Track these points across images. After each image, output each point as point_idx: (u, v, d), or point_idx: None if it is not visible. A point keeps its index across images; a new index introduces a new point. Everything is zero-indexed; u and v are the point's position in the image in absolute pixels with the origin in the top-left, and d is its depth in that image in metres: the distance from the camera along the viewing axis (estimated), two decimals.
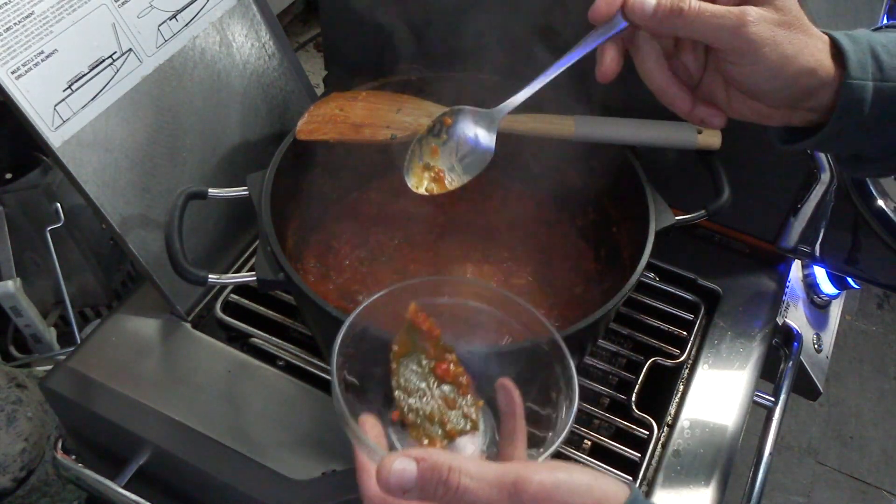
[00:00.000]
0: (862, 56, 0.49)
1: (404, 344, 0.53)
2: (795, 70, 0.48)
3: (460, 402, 0.52)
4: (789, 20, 0.48)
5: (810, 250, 0.85)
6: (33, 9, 0.66)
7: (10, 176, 1.15)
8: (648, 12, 0.49)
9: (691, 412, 0.75)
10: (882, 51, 0.49)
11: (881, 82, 0.49)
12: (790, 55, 0.48)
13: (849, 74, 0.48)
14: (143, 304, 0.81)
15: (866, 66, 0.49)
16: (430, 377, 0.52)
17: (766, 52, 0.48)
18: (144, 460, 0.72)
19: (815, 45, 0.49)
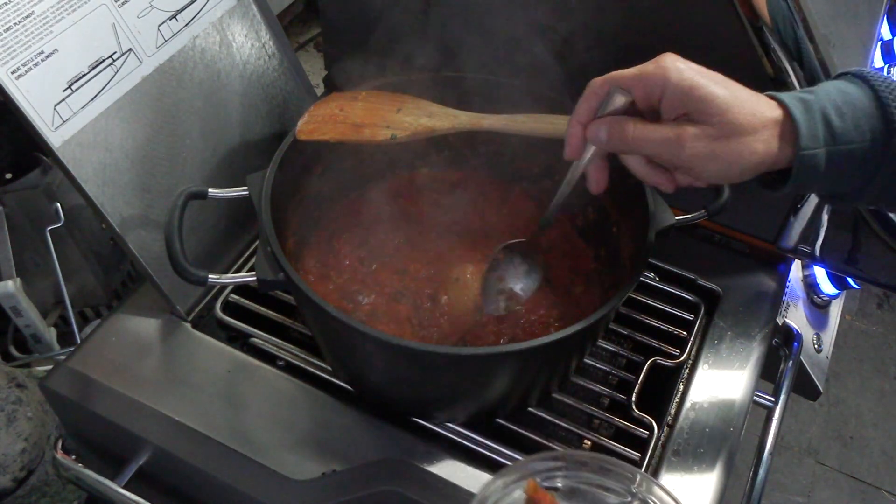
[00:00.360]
0: (813, 125, 0.52)
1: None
2: (740, 168, 0.53)
3: None
4: (727, 132, 0.52)
5: (810, 250, 0.85)
6: (33, 9, 0.66)
7: (10, 176, 1.15)
8: (603, 140, 0.57)
9: (691, 412, 0.75)
10: (834, 115, 0.52)
11: (834, 147, 0.52)
12: (732, 160, 0.53)
13: (801, 147, 0.52)
14: (143, 304, 0.81)
15: (818, 135, 0.52)
16: None
17: (709, 165, 0.53)
18: (144, 460, 0.72)
19: (760, 137, 0.53)
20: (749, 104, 0.53)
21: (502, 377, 0.67)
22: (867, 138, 0.52)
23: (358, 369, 0.73)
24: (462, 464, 0.69)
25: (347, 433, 0.71)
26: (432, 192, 0.89)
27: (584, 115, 0.59)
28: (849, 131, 0.52)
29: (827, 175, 0.53)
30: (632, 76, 0.56)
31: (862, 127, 0.52)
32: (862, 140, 0.52)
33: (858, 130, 0.52)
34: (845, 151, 0.52)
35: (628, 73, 0.56)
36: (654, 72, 0.54)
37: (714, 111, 0.52)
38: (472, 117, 0.76)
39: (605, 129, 0.57)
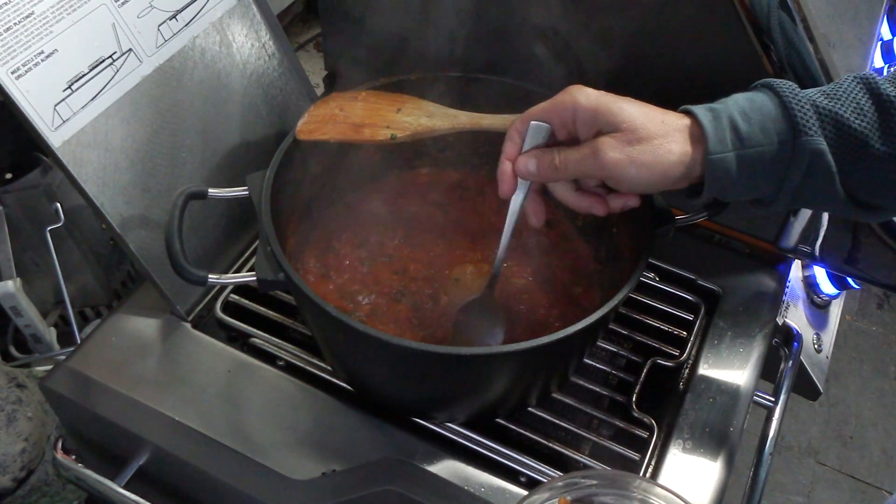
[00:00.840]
0: (720, 131, 0.55)
1: None
2: (661, 170, 0.56)
3: None
4: (638, 136, 0.56)
5: (810, 250, 0.85)
6: (33, 9, 0.66)
7: (10, 176, 1.15)
8: (533, 172, 0.61)
9: (691, 412, 0.75)
10: (741, 120, 0.55)
11: (742, 150, 0.54)
12: (649, 162, 0.55)
13: (709, 151, 0.54)
14: (143, 304, 0.81)
15: (725, 140, 0.55)
16: None
17: (629, 170, 0.56)
18: (144, 460, 0.72)
19: (673, 139, 0.56)
20: (657, 115, 0.57)
21: (502, 377, 0.67)
22: (774, 141, 0.54)
23: (358, 369, 0.73)
24: (462, 464, 0.69)
25: (347, 433, 0.71)
26: (432, 192, 0.89)
27: (511, 153, 0.63)
28: (756, 135, 0.54)
29: (740, 179, 0.55)
30: (545, 107, 0.61)
31: (769, 130, 0.54)
32: (770, 143, 0.54)
33: (766, 134, 0.54)
34: (754, 154, 0.54)
35: (542, 106, 0.61)
36: (563, 99, 0.59)
37: (624, 122, 0.56)
38: (472, 117, 0.76)
39: (533, 160, 0.61)
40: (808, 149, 0.53)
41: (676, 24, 0.76)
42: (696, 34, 0.76)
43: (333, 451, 0.70)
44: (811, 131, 0.53)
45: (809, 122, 0.54)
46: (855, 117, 0.53)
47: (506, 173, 0.63)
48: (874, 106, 0.54)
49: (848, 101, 0.54)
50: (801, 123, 0.53)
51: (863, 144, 0.53)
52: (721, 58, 0.75)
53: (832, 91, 0.55)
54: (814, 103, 0.54)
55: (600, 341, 0.81)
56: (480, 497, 0.67)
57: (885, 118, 0.53)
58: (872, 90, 0.54)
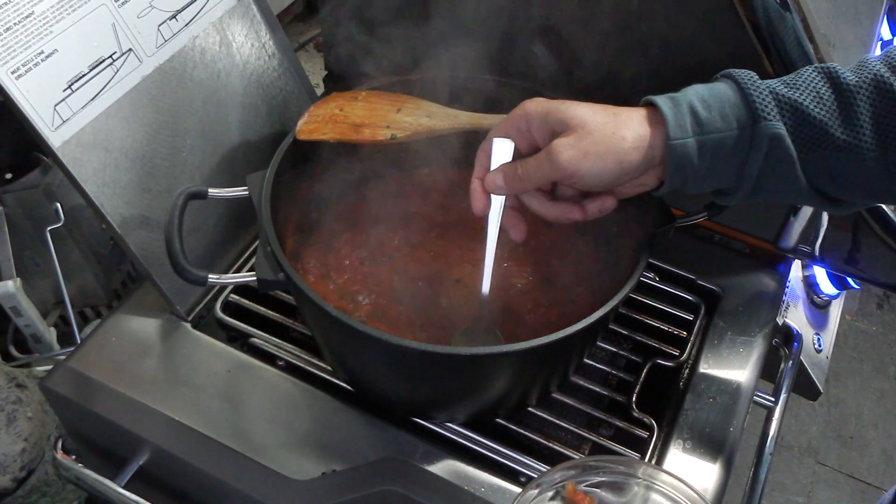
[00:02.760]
0: (680, 117, 0.55)
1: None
2: (616, 158, 0.56)
3: None
4: (588, 130, 0.56)
5: (810, 250, 0.85)
6: (33, 9, 0.66)
7: (10, 176, 1.15)
8: (501, 186, 0.62)
9: (691, 412, 0.75)
10: (700, 106, 0.55)
11: (702, 136, 0.55)
12: (602, 152, 0.56)
13: (669, 136, 0.55)
14: (143, 304, 0.81)
15: (685, 126, 0.55)
16: None
17: (584, 164, 0.56)
18: (144, 460, 0.72)
19: (626, 126, 0.56)
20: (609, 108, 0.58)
21: (502, 377, 0.67)
22: (734, 126, 0.54)
23: (358, 369, 0.73)
24: (462, 464, 0.69)
25: (347, 433, 0.71)
26: (432, 192, 0.89)
27: (480, 171, 0.64)
28: (715, 121, 0.55)
29: (701, 166, 0.55)
30: (503, 123, 0.63)
31: (728, 116, 0.54)
32: (729, 128, 0.54)
33: (725, 120, 0.54)
34: (714, 140, 0.55)
35: (500, 122, 0.63)
36: (516, 111, 0.61)
37: (573, 118, 0.57)
38: (472, 117, 0.76)
39: (500, 175, 0.62)
40: (766, 133, 0.54)
41: (676, 26, 0.76)
42: (696, 34, 0.76)
43: (333, 451, 0.70)
44: (770, 116, 0.54)
45: (768, 108, 0.54)
46: (814, 105, 0.53)
47: (476, 191, 0.64)
48: (834, 94, 0.54)
49: (807, 89, 0.54)
50: (759, 108, 0.54)
51: (822, 133, 0.53)
52: (721, 59, 0.75)
53: (792, 80, 0.55)
54: (772, 90, 0.54)
55: (600, 341, 0.81)
56: (480, 497, 0.67)
57: (845, 107, 0.53)
58: (832, 79, 0.54)
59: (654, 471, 0.61)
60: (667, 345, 0.81)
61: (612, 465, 0.61)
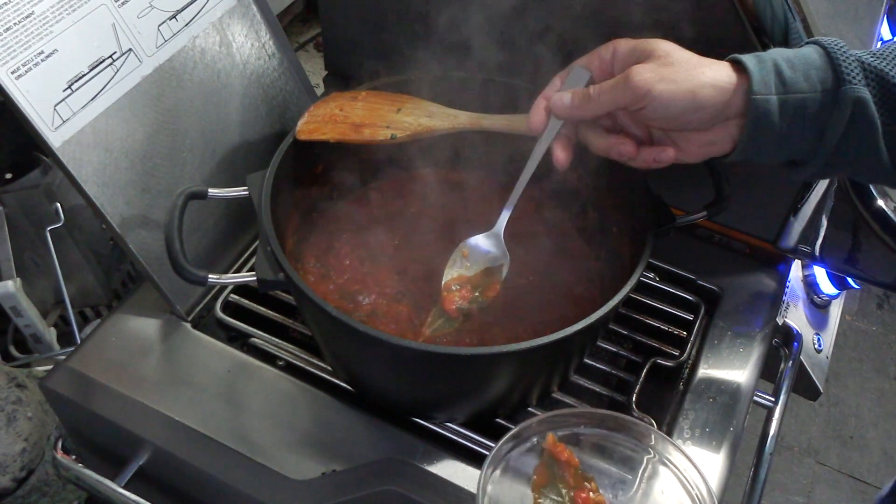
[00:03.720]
0: (765, 73, 0.54)
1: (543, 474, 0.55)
2: (692, 87, 0.55)
3: None
4: (671, 61, 0.56)
5: (810, 250, 0.85)
6: (33, 9, 0.66)
7: (10, 176, 1.15)
8: (567, 105, 0.61)
9: (691, 412, 0.75)
10: (785, 65, 0.54)
11: (785, 95, 0.54)
12: (679, 79, 0.55)
13: (752, 90, 0.54)
14: (143, 304, 0.81)
15: (769, 82, 0.54)
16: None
17: (660, 86, 0.55)
18: (144, 460, 0.72)
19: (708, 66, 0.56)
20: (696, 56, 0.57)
21: (502, 377, 0.67)
22: (818, 89, 0.54)
23: (358, 369, 0.73)
24: (462, 464, 0.69)
25: (347, 433, 0.71)
26: (432, 192, 0.89)
27: (549, 91, 0.64)
28: (799, 81, 0.54)
29: (780, 127, 0.55)
30: (587, 56, 0.62)
31: (812, 78, 0.54)
32: (813, 90, 0.54)
33: (809, 81, 0.54)
34: (797, 101, 0.54)
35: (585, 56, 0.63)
36: (605, 45, 0.61)
37: (660, 51, 0.57)
38: (472, 117, 0.76)
39: (567, 94, 0.62)
40: (851, 96, 0.53)
41: (676, 26, 0.76)
42: (696, 34, 0.76)
43: (333, 451, 0.70)
44: (855, 80, 0.53)
45: (854, 72, 0.53)
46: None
47: (538, 107, 0.63)
48: None
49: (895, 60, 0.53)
50: (845, 72, 0.53)
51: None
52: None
53: (879, 52, 0.55)
54: (858, 58, 0.54)
55: (600, 341, 0.81)
56: None
57: None
58: None
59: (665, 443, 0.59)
60: (667, 345, 0.81)
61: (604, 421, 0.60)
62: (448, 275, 0.73)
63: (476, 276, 0.73)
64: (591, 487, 0.54)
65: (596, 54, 0.62)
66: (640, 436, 0.59)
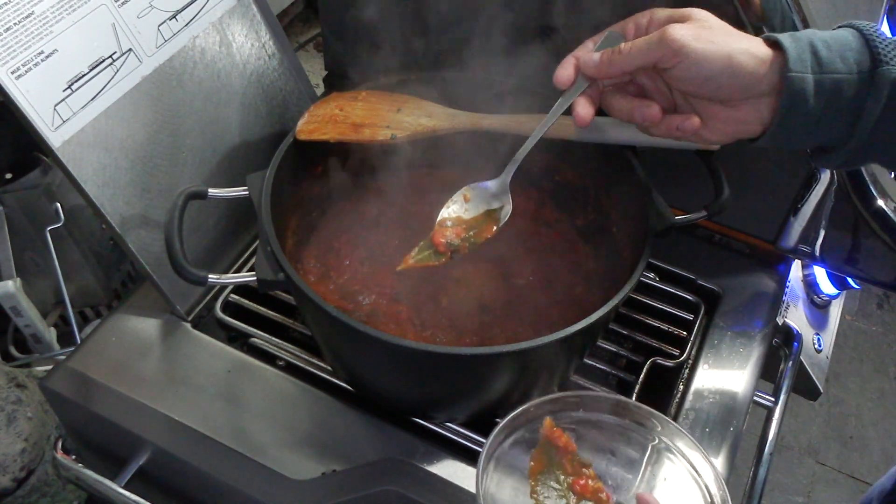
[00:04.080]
0: (801, 51, 0.54)
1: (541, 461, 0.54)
2: (727, 52, 0.54)
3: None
4: (709, 26, 0.56)
5: (810, 250, 0.85)
6: (33, 9, 0.66)
7: (10, 176, 1.15)
8: (596, 63, 0.60)
9: (691, 412, 0.75)
10: (821, 45, 0.54)
11: (821, 74, 0.53)
12: (716, 41, 0.55)
13: (788, 68, 0.53)
14: (143, 304, 0.81)
15: (805, 61, 0.53)
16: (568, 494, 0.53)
17: (695, 45, 0.54)
18: (144, 460, 0.72)
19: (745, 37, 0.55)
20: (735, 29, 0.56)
21: (502, 377, 0.67)
22: (854, 70, 0.53)
23: (358, 369, 0.73)
24: (462, 464, 0.69)
25: (347, 433, 0.71)
26: (432, 192, 0.89)
27: (580, 51, 0.63)
28: (835, 61, 0.53)
29: (815, 108, 0.54)
30: (624, 20, 0.62)
31: (848, 59, 0.53)
32: (849, 71, 0.53)
33: (845, 62, 0.53)
34: (833, 81, 0.53)
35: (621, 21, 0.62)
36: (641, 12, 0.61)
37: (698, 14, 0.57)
38: (472, 117, 0.76)
39: (598, 54, 0.60)
40: (889, 77, 0.52)
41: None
42: None
43: (333, 451, 0.70)
44: (893, 62, 0.52)
45: (891, 54, 0.52)
46: None
47: (567, 63, 0.62)
48: None
49: None
50: (882, 53, 0.52)
51: None
52: None
53: None
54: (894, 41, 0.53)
55: (600, 341, 0.81)
56: None
57: None
58: None
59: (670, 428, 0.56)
60: (667, 345, 0.81)
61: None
62: (444, 213, 0.71)
63: (473, 218, 0.72)
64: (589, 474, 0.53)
65: (632, 20, 0.61)
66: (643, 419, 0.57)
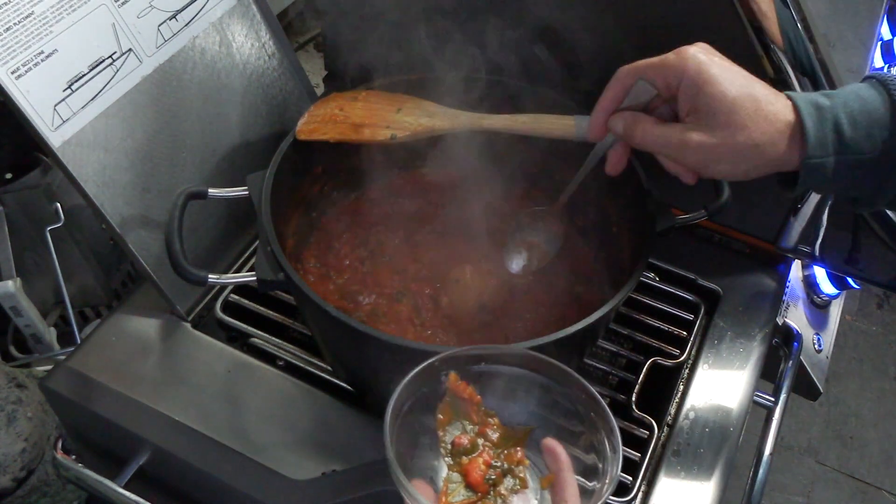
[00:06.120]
0: (823, 134, 0.52)
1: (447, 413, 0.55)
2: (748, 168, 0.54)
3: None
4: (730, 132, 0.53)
5: (810, 250, 0.85)
6: (33, 9, 0.66)
7: (10, 176, 1.15)
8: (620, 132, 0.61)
9: (691, 412, 0.75)
10: (847, 124, 0.52)
11: (841, 156, 0.52)
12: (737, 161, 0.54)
13: (808, 155, 0.52)
14: (143, 304, 0.81)
15: (826, 144, 0.52)
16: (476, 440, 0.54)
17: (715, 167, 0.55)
18: (144, 460, 0.72)
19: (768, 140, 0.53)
20: (761, 105, 0.53)
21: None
22: (878, 149, 0.52)
23: (358, 369, 0.73)
24: None
25: (347, 433, 0.71)
26: (432, 191, 0.89)
27: (609, 102, 0.62)
28: (860, 141, 0.52)
29: (835, 181, 0.53)
30: (654, 64, 0.57)
31: (874, 137, 0.51)
32: (872, 150, 0.52)
33: (870, 140, 0.52)
34: (854, 160, 0.52)
35: (652, 62, 0.58)
36: (673, 62, 0.56)
37: (722, 114, 0.53)
38: (472, 117, 0.76)
39: (621, 122, 0.60)
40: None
41: (676, 25, 0.76)
42: (696, 35, 0.76)
43: (333, 451, 0.70)
44: None
45: None
46: None
47: (598, 122, 0.63)
48: None
49: None
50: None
51: None
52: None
53: None
54: None
55: (600, 341, 0.81)
56: None
57: None
58: None
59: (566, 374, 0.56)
60: (667, 344, 0.81)
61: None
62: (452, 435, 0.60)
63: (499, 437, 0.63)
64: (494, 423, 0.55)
65: (662, 70, 0.57)
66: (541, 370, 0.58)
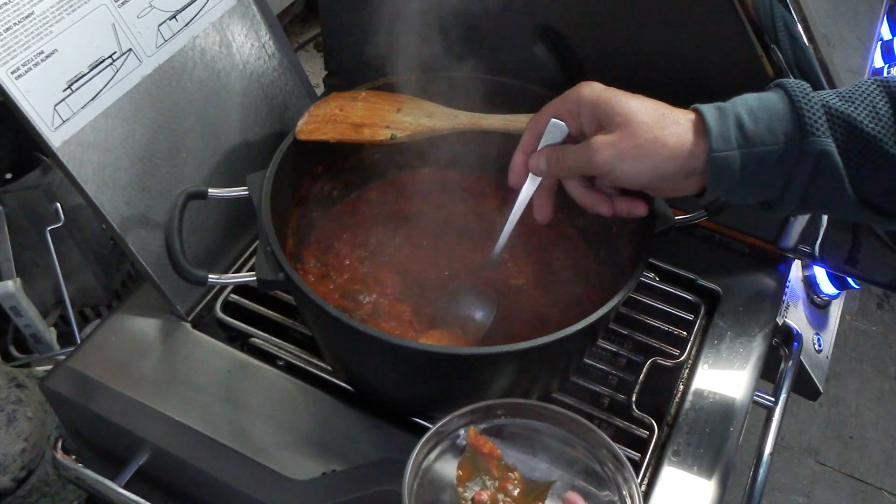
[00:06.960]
0: (725, 129, 0.54)
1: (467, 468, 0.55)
2: (653, 164, 0.56)
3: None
4: (631, 132, 0.56)
5: (810, 250, 0.85)
6: (33, 9, 0.66)
7: (10, 176, 1.15)
8: (543, 170, 0.63)
9: (691, 412, 0.75)
10: (747, 119, 0.54)
11: (747, 149, 0.53)
12: (640, 157, 0.56)
13: (712, 148, 0.54)
14: (143, 304, 0.81)
15: (730, 138, 0.54)
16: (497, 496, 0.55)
17: (621, 166, 0.57)
18: (144, 460, 0.72)
19: (669, 132, 0.55)
20: (659, 109, 0.56)
21: (502, 377, 0.67)
22: (781, 141, 0.53)
23: (358, 369, 0.73)
24: None
25: (347, 433, 0.71)
26: (432, 192, 0.89)
27: (528, 146, 0.65)
28: (762, 134, 0.53)
29: (744, 179, 0.54)
30: (556, 102, 0.62)
31: (776, 130, 0.53)
32: (776, 142, 0.53)
33: (772, 134, 0.53)
34: (759, 154, 0.54)
35: (555, 101, 0.62)
36: (570, 94, 0.61)
37: (620, 118, 0.56)
38: (472, 117, 0.76)
39: (543, 158, 0.63)
40: (814, 149, 0.52)
41: (676, 26, 0.76)
42: (695, 35, 0.76)
43: (333, 451, 0.70)
44: (819, 132, 0.52)
45: (818, 123, 0.52)
46: (869, 120, 0.52)
47: (517, 164, 0.65)
48: (891, 109, 0.52)
49: (863, 103, 0.53)
50: (808, 123, 0.52)
51: (876, 149, 0.52)
52: (721, 59, 0.75)
53: (848, 93, 0.54)
54: (825, 104, 0.53)
55: (600, 341, 0.81)
56: None
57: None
58: (892, 93, 0.53)
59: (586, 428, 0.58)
60: (667, 344, 0.81)
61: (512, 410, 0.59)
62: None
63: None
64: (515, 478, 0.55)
65: (564, 105, 0.61)
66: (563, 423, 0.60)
